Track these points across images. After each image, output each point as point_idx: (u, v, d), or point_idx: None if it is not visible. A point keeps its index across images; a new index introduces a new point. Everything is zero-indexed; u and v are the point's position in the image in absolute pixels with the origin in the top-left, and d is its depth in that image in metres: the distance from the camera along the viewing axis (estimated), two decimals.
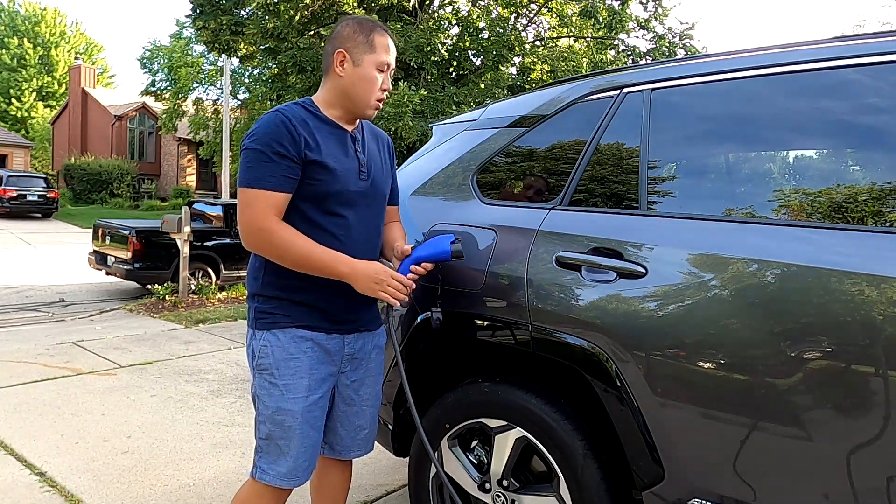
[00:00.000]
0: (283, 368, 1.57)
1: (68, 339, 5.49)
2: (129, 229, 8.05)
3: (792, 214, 1.42)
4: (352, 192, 1.60)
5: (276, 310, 1.59)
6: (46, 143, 34.01)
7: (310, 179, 1.54)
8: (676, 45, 11.48)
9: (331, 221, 1.59)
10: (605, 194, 1.71)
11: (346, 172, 1.59)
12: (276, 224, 1.51)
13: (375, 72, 1.60)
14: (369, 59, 1.60)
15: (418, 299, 1.92)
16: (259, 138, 1.52)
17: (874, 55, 1.36)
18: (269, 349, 1.58)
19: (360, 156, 1.65)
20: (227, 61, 17.22)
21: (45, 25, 36.91)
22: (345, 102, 1.62)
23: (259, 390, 1.61)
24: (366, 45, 1.60)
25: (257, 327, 1.61)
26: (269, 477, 1.60)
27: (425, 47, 10.08)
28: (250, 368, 1.65)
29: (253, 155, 1.52)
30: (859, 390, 1.21)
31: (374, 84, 1.60)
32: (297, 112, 1.58)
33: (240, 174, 1.56)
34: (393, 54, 1.64)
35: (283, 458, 1.59)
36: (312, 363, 1.60)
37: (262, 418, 1.61)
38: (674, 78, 1.65)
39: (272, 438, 1.59)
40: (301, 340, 1.59)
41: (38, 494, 2.58)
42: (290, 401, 1.57)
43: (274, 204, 1.51)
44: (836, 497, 1.23)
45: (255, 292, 1.63)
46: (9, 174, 20.57)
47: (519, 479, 1.72)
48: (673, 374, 1.41)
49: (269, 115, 1.56)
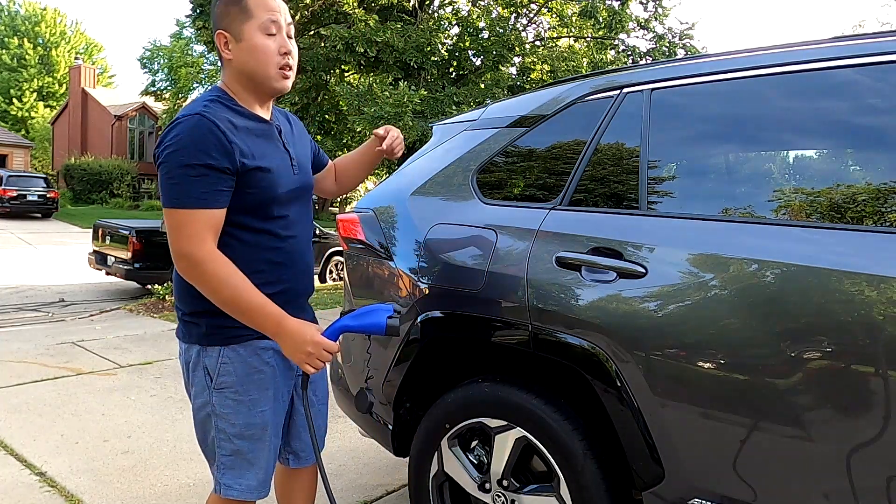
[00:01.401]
0: (248, 384, 1.45)
1: (68, 339, 5.49)
2: (129, 229, 8.05)
3: (792, 214, 1.42)
4: (289, 190, 1.48)
5: (232, 322, 1.40)
6: (46, 143, 34.03)
7: (248, 189, 1.38)
8: (676, 45, 11.48)
9: (277, 226, 1.46)
10: (605, 194, 1.71)
11: (281, 173, 1.45)
12: (211, 253, 1.33)
13: (262, 38, 1.39)
14: (249, 26, 1.39)
15: (419, 299, 1.93)
16: (184, 149, 1.31)
17: (874, 55, 1.36)
18: (230, 366, 1.44)
19: (288, 149, 1.52)
20: None
21: (45, 25, 36.94)
22: (248, 85, 1.44)
23: (221, 409, 1.46)
24: (240, 14, 1.39)
25: (211, 343, 1.44)
26: (237, 492, 1.49)
27: (425, 47, 10.08)
28: (199, 388, 1.48)
29: (178, 170, 1.31)
30: (859, 390, 1.21)
31: (266, 52, 1.39)
32: (221, 113, 1.37)
33: (164, 192, 1.34)
34: (280, 10, 1.42)
35: (252, 470, 1.49)
36: (275, 372, 1.50)
37: (225, 436, 1.47)
38: (674, 78, 1.65)
39: (240, 454, 1.48)
40: (263, 351, 1.47)
41: (38, 494, 2.58)
42: (259, 415, 1.47)
43: (209, 224, 1.33)
44: (836, 497, 1.23)
45: (198, 309, 1.43)
46: (9, 174, 20.59)
47: (519, 479, 1.72)
48: (673, 374, 1.41)
49: (191, 119, 1.34)
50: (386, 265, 2.09)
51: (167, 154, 1.33)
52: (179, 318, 1.51)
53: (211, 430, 1.50)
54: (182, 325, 1.51)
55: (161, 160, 1.35)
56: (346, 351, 2.25)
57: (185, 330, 1.50)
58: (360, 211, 2.24)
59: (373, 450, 3.09)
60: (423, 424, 1.93)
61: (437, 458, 1.88)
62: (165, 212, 1.36)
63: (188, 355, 1.50)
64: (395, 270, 2.03)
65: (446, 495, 1.92)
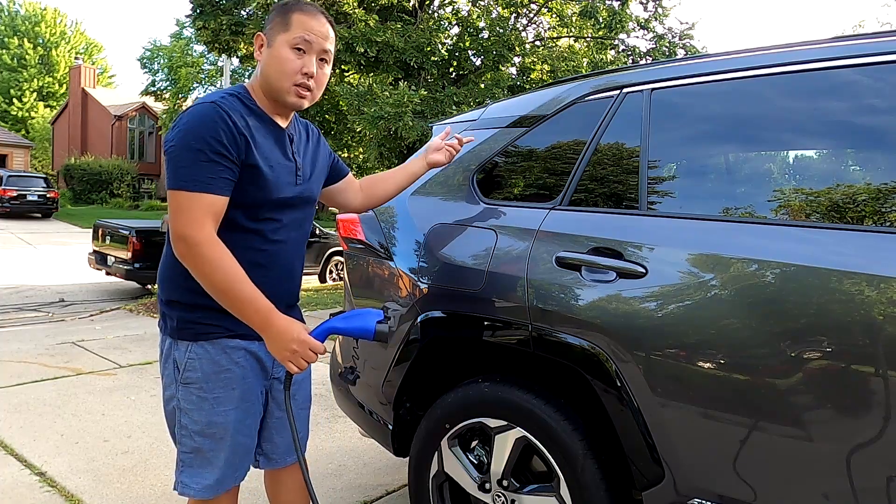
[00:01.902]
0: (214, 382, 1.45)
1: (68, 339, 5.49)
2: (129, 229, 8.05)
3: (792, 214, 1.42)
4: (285, 197, 1.48)
5: (204, 319, 1.43)
6: (46, 143, 34.03)
7: (244, 184, 1.40)
8: (676, 45, 11.46)
9: (267, 228, 1.47)
10: (605, 194, 1.71)
11: (281, 177, 1.47)
12: (210, 237, 1.34)
13: (288, 51, 1.43)
14: (282, 38, 1.44)
15: (419, 299, 1.93)
16: (194, 133, 1.34)
17: (874, 55, 1.36)
18: (197, 362, 1.45)
19: (296, 158, 1.53)
20: (227, 61, 17.20)
21: (45, 25, 36.93)
22: (265, 88, 1.48)
23: (185, 404, 1.46)
24: (281, 25, 1.45)
25: (181, 337, 1.45)
26: (194, 491, 1.49)
27: (425, 47, 10.07)
28: (168, 380, 1.50)
29: (186, 153, 1.34)
30: (859, 390, 1.21)
31: (287, 64, 1.43)
32: (235, 105, 1.41)
33: (170, 174, 1.37)
34: (319, 34, 1.45)
35: (210, 469, 1.49)
36: (244, 372, 1.49)
37: (187, 433, 1.47)
38: (674, 78, 1.65)
39: (200, 452, 1.48)
40: (232, 350, 1.46)
41: (38, 494, 2.58)
42: (222, 414, 1.46)
43: (211, 209, 1.35)
44: (836, 497, 1.23)
45: (174, 299, 1.46)
46: (9, 174, 20.59)
47: (519, 479, 1.72)
48: (673, 373, 1.41)
49: (204, 106, 1.38)
50: (386, 265, 2.09)
51: (178, 137, 1.36)
52: (159, 307, 1.52)
53: (176, 425, 1.51)
54: (160, 315, 1.52)
55: (171, 143, 1.37)
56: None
57: (162, 320, 1.52)
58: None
59: (373, 450, 3.09)
60: (423, 424, 1.93)
61: (437, 458, 1.88)
62: (169, 193, 1.37)
63: (163, 346, 1.52)
64: (395, 270, 2.03)
65: (446, 495, 1.92)
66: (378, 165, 11.28)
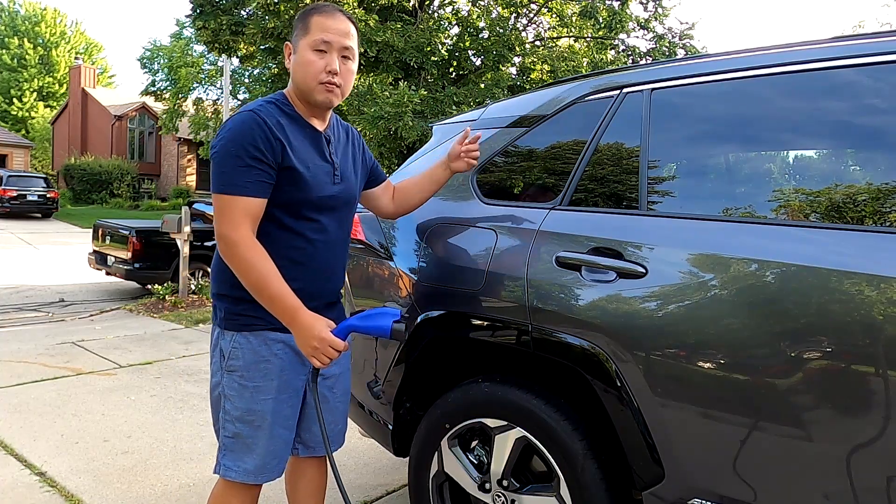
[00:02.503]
0: (254, 371, 1.55)
1: (68, 339, 5.49)
2: (129, 229, 8.04)
3: (792, 214, 1.42)
4: (324, 196, 1.57)
5: (247, 311, 1.54)
6: (46, 143, 34.02)
7: (284, 185, 1.50)
8: (676, 45, 11.47)
9: (307, 227, 1.56)
10: (605, 194, 1.71)
11: (318, 178, 1.56)
12: (246, 238, 1.46)
13: (310, 54, 1.52)
14: (304, 42, 1.53)
15: (419, 299, 1.93)
16: (233, 141, 1.46)
17: (874, 55, 1.36)
18: (240, 351, 1.55)
19: (333, 159, 1.62)
20: (227, 61, 17.23)
21: (45, 25, 36.92)
22: (297, 92, 1.58)
23: (228, 390, 1.57)
24: (302, 30, 1.54)
25: (227, 327, 1.57)
26: (235, 473, 1.58)
27: (425, 47, 10.08)
28: (214, 368, 1.62)
29: (227, 160, 1.46)
30: (859, 390, 1.21)
31: (310, 67, 1.52)
32: (273, 113, 1.52)
33: (213, 178, 1.49)
34: (337, 31, 1.53)
35: (250, 454, 1.57)
36: (283, 365, 1.57)
37: (229, 417, 1.58)
38: (674, 78, 1.65)
39: (240, 437, 1.57)
40: (272, 343, 1.56)
41: (38, 494, 2.59)
42: (261, 402, 1.56)
43: (250, 211, 1.46)
44: (836, 497, 1.23)
45: (223, 292, 1.58)
46: (9, 174, 20.58)
47: (519, 479, 1.72)
48: (673, 374, 1.41)
49: (244, 115, 1.49)
50: (386, 265, 2.09)
51: (221, 145, 1.48)
52: (212, 300, 1.66)
53: (219, 411, 1.61)
54: (213, 307, 1.65)
55: (214, 150, 1.49)
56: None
57: (213, 312, 1.64)
58: (360, 211, 2.24)
59: (373, 450, 3.09)
60: (423, 424, 1.93)
61: (437, 458, 1.88)
62: (213, 197, 1.50)
63: (212, 335, 1.64)
64: (395, 270, 2.03)
65: (446, 495, 1.92)
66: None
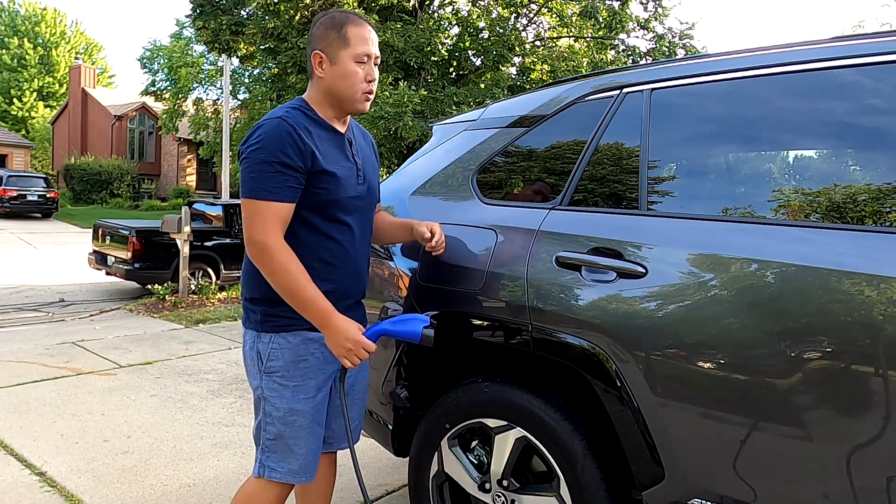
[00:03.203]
0: (294, 370, 1.59)
1: (68, 339, 5.49)
2: (129, 229, 8.05)
3: (792, 214, 1.42)
4: (352, 197, 1.61)
5: (286, 312, 1.56)
6: (46, 143, 34.02)
7: (315, 188, 1.53)
8: (676, 45, 11.47)
9: (335, 229, 1.59)
10: (605, 194, 1.71)
11: (347, 178, 1.59)
12: (277, 243, 1.49)
13: (354, 65, 1.56)
14: (345, 54, 1.55)
15: (419, 299, 1.93)
16: (264, 147, 1.49)
17: (874, 55, 1.36)
18: (279, 352, 1.58)
19: (356, 160, 1.65)
20: (227, 61, 17.22)
21: (45, 25, 36.91)
22: (333, 102, 1.60)
23: (268, 392, 1.60)
24: (339, 41, 1.56)
25: (264, 330, 1.59)
26: (280, 474, 1.61)
27: (425, 47, 10.07)
28: (253, 371, 1.63)
29: (257, 165, 1.49)
30: (859, 390, 1.21)
31: (355, 78, 1.56)
32: (300, 119, 1.54)
33: (243, 183, 1.52)
34: (373, 43, 1.59)
35: (293, 455, 1.61)
36: (320, 363, 1.61)
37: (270, 419, 1.61)
38: (674, 78, 1.65)
39: (282, 438, 1.60)
40: (310, 342, 1.59)
41: (38, 494, 2.59)
42: (302, 401, 1.59)
43: (279, 216, 1.49)
44: (836, 497, 1.23)
45: (259, 296, 1.60)
46: (9, 174, 20.58)
47: (519, 479, 1.72)
48: (673, 374, 1.41)
49: (272, 122, 1.52)
50: (386, 265, 2.09)
51: (250, 151, 1.51)
52: (243, 305, 1.68)
53: (260, 413, 1.64)
54: (244, 311, 1.67)
55: (244, 156, 1.52)
56: None
57: (246, 316, 1.66)
58: None
59: (373, 450, 3.08)
60: (423, 424, 1.93)
61: (437, 458, 1.89)
62: (243, 201, 1.52)
63: (246, 339, 1.65)
64: (395, 270, 2.03)
65: (446, 495, 1.92)
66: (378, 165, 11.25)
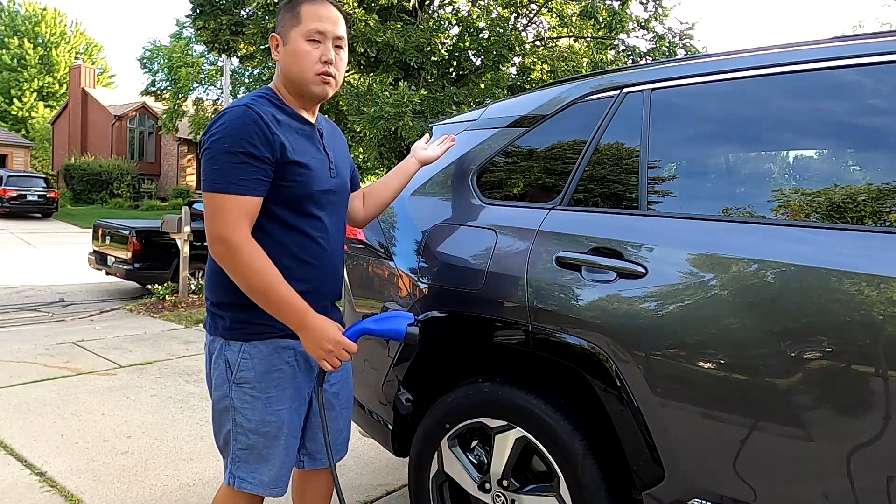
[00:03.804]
0: (267, 381, 1.49)
1: (68, 339, 5.49)
2: (129, 229, 8.05)
3: (792, 214, 1.42)
4: (324, 191, 1.52)
5: (256, 319, 1.45)
6: (46, 143, 34.02)
7: (285, 181, 1.43)
8: (676, 45, 11.46)
9: (309, 224, 1.50)
10: (605, 194, 1.71)
11: (319, 171, 1.50)
12: (245, 240, 1.38)
13: (305, 44, 1.46)
14: (295, 32, 1.46)
15: (418, 299, 1.93)
16: (228, 136, 1.37)
17: (874, 55, 1.36)
18: (250, 362, 1.48)
19: (328, 152, 1.57)
20: (227, 61, 17.23)
21: (45, 25, 36.92)
22: (290, 86, 1.51)
23: (239, 403, 1.50)
24: (292, 20, 1.47)
25: (234, 338, 1.48)
26: (251, 485, 1.51)
27: (425, 47, 10.07)
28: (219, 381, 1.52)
29: (221, 156, 1.37)
30: (859, 390, 1.21)
31: (307, 58, 1.46)
32: (266, 108, 1.44)
33: (205, 176, 1.40)
34: (330, 21, 1.48)
35: (266, 465, 1.52)
36: (294, 372, 1.52)
37: (241, 430, 1.51)
38: (674, 78, 1.65)
39: (254, 449, 1.51)
40: (284, 350, 1.50)
41: (38, 494, 2.58)
42: (275, 413, 1.50)
43: (246, 210, 1.39)
44: (836, 497, 1.23)
45: (227, 300, 1.48)
46: (9, 174, 20.59)
47: (519, 479, 1.72)
48: (673, 374, 1.41)
49: (237, 109, 1.41)
50: (386, 265, 2.09)
51: (212, 141, 1.39)
52: (207, 309, 1.56)
53: (228, 423, 1.53)
54: (209, 316, 1.55)
55: (206, 146, 1.40)
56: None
57: (211, 321, 1.54)
58: None
59: (373, 450, 3.09)
60: (423, 424, 1.93)
61: (437, 458, 1.88)
62: (205, 196, 1.41)
63: (212, 346, 1.54)
64: (395, 270, 2.03)
65: (446, 495, 1.92)
66: (378, 165, 11.26)
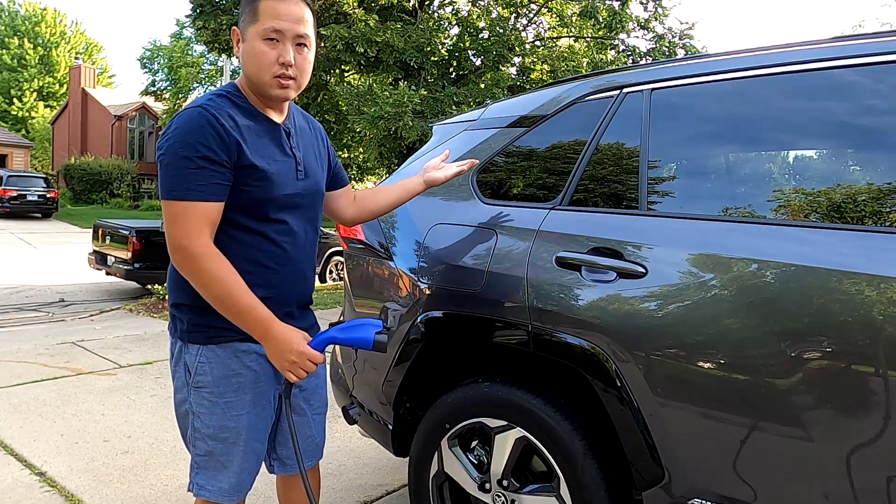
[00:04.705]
0: (224, 386, 1.42)
1: (68, 339, 5.49)
2: (129, 229, 8.04)
3: (792, 214, 1.42)
4: (288, 195, 1.43)
5: (214, 321, 1.38)
6: (46, 143, 34.05)
7: (244, 186, 1.36)
8: (676, 45, 11.46)
9: (273, 228, 1.42)
10: (605, 194, 1.71)
11: (282, 174, 1.42)
12: (206, 248, 1.32)
13: (261, 44, 1.36)
14: (252, 30, 1.37)
15: (419, 299, 1.93)
16: (182, 140, 1.30)
17: (874, 55, 1.36)
18: (208, 366, 1.42)
19: (295, 153, 1.48)
20: (227, 61, 17.21)
21: (45, 25, 36.94)
22: (249, 84, 1.43)
23: (197, 408, 1.44)
24: (250, 16, 1.37)
25: (191, 341, 1.43)
26: (209, 493, 1.47)
27: (425, 47, 10.07)
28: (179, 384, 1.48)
29: (177, 161, 1.30)
30: (859, 390, 1.21)
31: (262, 59, 1.36)
32: (224, 107, 1.36)
33: (162, 183, 1.34)
34: (290, 18, 1.36)
35: (225, 472, 1.47)
36: (257, 376, 1.45)
37: (200, 436, 1.45)
38: (674, 78, 1.65)
39: (213, 455, 1.46)
40: (244, 354, 1.43)
41: (38, 494, 2.58)
42: (234, 418, 1.44)
43: (206, 217, 1.32)
44: (836, 497, 1.23)
45: (183, 302, 1.43)
46: (9, 174, 20.61)
47: (519, 479, 1.72)
48: (673, 374, 1.41)
49: (192, 111, 1.34)
50: (386, 265, 2.09)
51: (168, 146, 1.33)
52: (170, 311, 1.51)
53: (188, 428, 1.49)
54: (170, 319, 1.51)
55: (161, 152, 1.34)
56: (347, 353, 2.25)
57: (171, 323, 1.50)
58: None
59: (373, 450, 3.09)
60: (423, 424, 1.93)
61: (437, 458, 1.88)
62: (163, 203, 1.35)
63: (173, 349, 1.49)
64: (395, 270, 2.03)
65: (446, 495, 1.92)
66: (378, 165, 11.26)
